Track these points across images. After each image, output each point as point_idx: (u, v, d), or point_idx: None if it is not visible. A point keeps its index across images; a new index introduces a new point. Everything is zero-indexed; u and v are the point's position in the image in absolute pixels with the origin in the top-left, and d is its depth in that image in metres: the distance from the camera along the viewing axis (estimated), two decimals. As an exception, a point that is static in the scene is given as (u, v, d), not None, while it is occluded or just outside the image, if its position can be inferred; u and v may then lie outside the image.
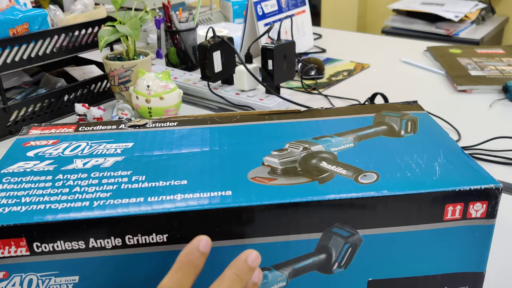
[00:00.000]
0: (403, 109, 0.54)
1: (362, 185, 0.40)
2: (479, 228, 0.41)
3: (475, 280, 0.44)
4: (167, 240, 0.38)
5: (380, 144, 0.47)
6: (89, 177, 0.42)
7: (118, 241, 0.38)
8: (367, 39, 1.53)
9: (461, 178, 0.41)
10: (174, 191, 0.39)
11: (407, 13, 2.09)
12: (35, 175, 0.42)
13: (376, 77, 1.16)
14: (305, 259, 0.41)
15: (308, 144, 0.47)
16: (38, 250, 0.37)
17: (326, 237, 0.40)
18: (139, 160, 0.45)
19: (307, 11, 1.34)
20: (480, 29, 1.99)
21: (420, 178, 0.41)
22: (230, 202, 0.38)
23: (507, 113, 0.94)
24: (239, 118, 0.53)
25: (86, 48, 0.97)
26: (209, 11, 1.56)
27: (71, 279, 0.39)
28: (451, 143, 0.47)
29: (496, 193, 0.40)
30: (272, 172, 0.42)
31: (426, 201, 0.40)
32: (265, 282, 0.41)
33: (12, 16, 0.84)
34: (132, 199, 0.38)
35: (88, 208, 0.37)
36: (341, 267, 0.42)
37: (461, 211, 0.40)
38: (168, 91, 0.88)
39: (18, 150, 0.47)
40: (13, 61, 0.85)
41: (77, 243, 0.37)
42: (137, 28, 0.89)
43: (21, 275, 0.38)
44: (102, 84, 1.03)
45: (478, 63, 1.16)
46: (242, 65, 0.96)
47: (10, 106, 0.88)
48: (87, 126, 0.52)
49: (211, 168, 0.43)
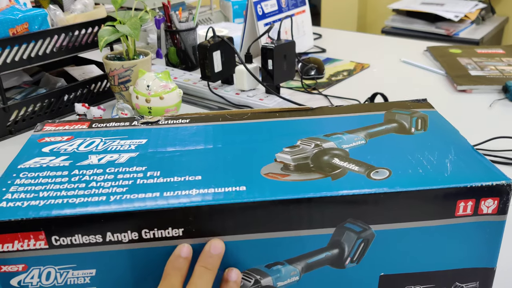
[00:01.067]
0: (412, 107, 0.54)
1: (374, 181, 0.41)
2: (490, 224, 0.42)
3: (485, 275, 0.45)
4: (183, 234, 0.39)
5: (391, 141, 0.47)
6: (105, 173, 0.43)
7: (135, 235, 0.38)
8: (367, 39, 1.53)
9: (472, 175, 0.41)
10: (189, 186, 0.40)
11: (407, 13, 2.09)
12: (51, 171, 0.43)
13: (376, 77, 1.16)
14: (318, 253, 0.41)
15: (320, 141, 0.47)
16: (57, 243, 0.38)
17: (339, 232, 0.41)
18: (153, 156, 0.45)
19: (307, 11, 1.34)
20: (480, 29, 1.99)
21: (431, 175, 0.41)
22: (244, 197, 0.39)
23: (507, 113, 0.94)
24: (250, 115, 0.54)
25: (86, 48, 0.97)
26: (209, 11, 1.56)
27: (88, 272, 0.39)
28: (461, 141, 0.47)
29: (508, 190, 0.40)
30: (285, 168, 0.43)
31: (438, 197, 0.40)
32: (278, 276, 0.42)
33: (12, 16, 0.84)
34: (148, 194, 0.39)
35: (105, 203, 0.38)
36: (354, 262, 0.42)
37: (473, 207, 0.41)
38: (168, 91, 0.88)
39: (33, 146, 0.48)
40: (13, 61, 0.85)
41: (94, 236, 0.38)
42: (137, 28, 0.89)
43: (39, 267, 0.39)
44: (102, 84, 1.03)
45: (478, 63, 1.17)
46: (242, 65, 0.96)
47: (10, 106, 0.88)
48: (101, 123, 0.52)
49: (225, 164, 0.44)
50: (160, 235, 0.39)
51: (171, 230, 0.39)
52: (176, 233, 0.39)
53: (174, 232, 0.39)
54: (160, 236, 0.39)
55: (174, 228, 0.38)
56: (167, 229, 0.38)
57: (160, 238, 0.39)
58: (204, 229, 0.39)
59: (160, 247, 0.39)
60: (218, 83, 1.05)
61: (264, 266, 0.41)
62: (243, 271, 0.41)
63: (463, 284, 0.45)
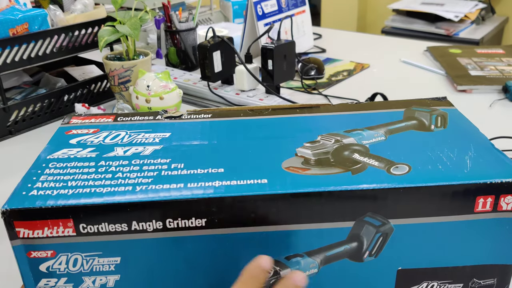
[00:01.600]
0: (432, 105, 0.55)
1: (394, 176, 0.41)
2: (510, 221, 0.42)
3: (504, 272, 0.45)
4: (206, 224, 0.40)
5: (411, 138, 0.48)
6: (130, 164, 0.44)
7: (159, 224, 0.39)
8: (367, 39, 1.53)
9: (492, 171, 0.41)
10: (213, 178, 0.41)
11: (407, 13, 2.09)
12: (79, 161, 0.45)
13: (376, 77, 1.16)
14: (337, 246, 0.42)
15: (340, 136, 0.48)
16: (84, 231, 0.39)
17: (358, 226, 0.41)
18: (177, 149, 0.47)
19: (307, 11, 1.34)
20: (480, 29, 1.99)
21: (451, 171, 0.42)
22: (266, 190, 0.39)
23: (507, 113, 0.94)
24: (271, 111, 0.55)
25: (86, 48, 0.97)
26: (209, 11, 1.56)
27: (113, 260, 0.41)
28: (481, 138, 0.48)
29: None
30: (306, 162, 0.44)
31: (457, 193, 0.40)
32: (297, 268, 0.42)
33: (12, 16, 0.84)
34: (172, 185, 0.40)
35: (132, 192, 0.39)
36: (372, 255, 0.43)
37: (492, 203, 0.41)
38: (168, 91, 0.88)
39: (61, 138, 0.50)
40: (13, 61, 0.85)
41: (120, 225, 0.39)
42: (137, 28, 0.89)
43: (67, 254, 0.40)
44: (102, 84, 1.03)
45: (478, 63, 1.16)
46: (242, 65, 0.96)
47: (10, 106, 0.88)
48: (126, 117, 0.54)
49: (246, 158, 0.45)
50: (184, 225, 0.40)
51: (194, 220, 0.40)
52: (199, 223, 0.40)
53: (197, 222, 0.40)
54: (183, 226, 0.40)
55: (198, 219, 0.39)
56: (191, 219, 0.39)
57: (184, 228, 0.40)
58: (226, 220, 0.40)
59: (183, 237, 0.40)
60: (218, 83, 1.05)
61: (284, 258, 0.42)
62: None
63: (480, 280, 0.45)
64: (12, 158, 0.82)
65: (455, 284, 0.45)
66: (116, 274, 0.41)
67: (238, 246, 0.41)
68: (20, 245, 0.39)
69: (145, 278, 0.42)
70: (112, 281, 0.42)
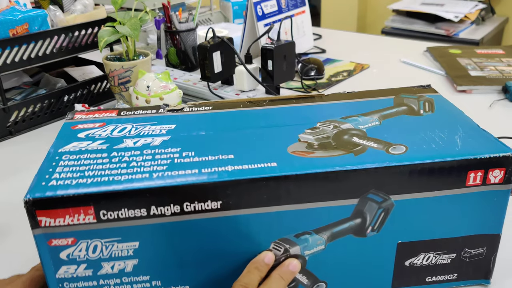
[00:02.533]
0: (418, 92, 0.59)
1: (393, 155, 0.44)
2: (497, 193, 0.46)
3: (492, 241, 0.49)
4: (221, 206, 0.42)
5: (403, 122, 0.51)
6: (142, 154, 0.46)
7: (177, 208, 0.41)
8: (367, 40, 1.53)
9: (481, 148, 0.45)
10: (225, 164, 0.43)
11: (407, 13, 2.09)
12: (91, 153, 0.46)
13: (376, 78, 1.16)
14: (342, 223, 0.45)
15: (338, 123, 0.51)
16: (104, 217, 0.41)
17: (362, 203, 0.44)
18: (185, 139, 0.49)
19: (307, 12, 1.34)
20: (480, 29, 1.99)
21: (444, 149, 0.45)
22: (277, 172, 0.42)
23: (507, 113, 0.94)
24: (268, 102, 0.57)
25: (86, 49, 0.98)
26: (209, 11, 1.56)
27: (132, 245, 0.42)
28: (467, 120, 0.52)
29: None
30: (310, 146, 0.46)
31: (451, 169, 0.44)
32: (306, 245, 0.45)
33: (12, 16, 0.84)
34: (187, 171, 0.42)
35: (149, 179, 0.41)
36: (374, 230, 0.46)
37: (482, 177, 0.45)
38: (168, 91, 0.88)
39: (68, 133, 0.51)
40: (13, 62, 0.85)
41: (139, 210, 0.41)
42: (137, 29, 0.89)
43: (87, 241, 0.42)
44: (102, 85, 1.03)
45: (478, 64, 1.17)
46: (242, 66, 0.96)
47: (10, 106, 0.88)
48: (129, 111, 0.56)
49: (253, 145, 0.47)
50: (200, 207, 0.42)
51: (210, 203, 0.42)
52: (214, 206, 0.42)
53: (213, 205, 0.42)
54: (200, 208, 0.42)
55: (213, 201, 0.42)
56: (207, 201, 0.42)
57: (200, 211, 0.42)
58: (240, 201, 0.42)
59: (200, 219, 0.42)
60: (218, 84, 1.05)
61: (293, 236, 0.45)
62: (274, 241, 0.45)
63: (471, 250, 0.49)
64: (12, 158, 0.82)
65: (449, 254, 0.49)
66: (134, 258, 0.43)
67: (251, 226, 0.44)
68: (41, 234, 0.41)
69: (162, 262, 0.44)
70: (130, 266, 0.43)
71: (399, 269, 0.48)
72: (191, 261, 0.44)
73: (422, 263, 0.48)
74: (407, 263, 0.48)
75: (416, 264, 0.48)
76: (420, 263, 0.48)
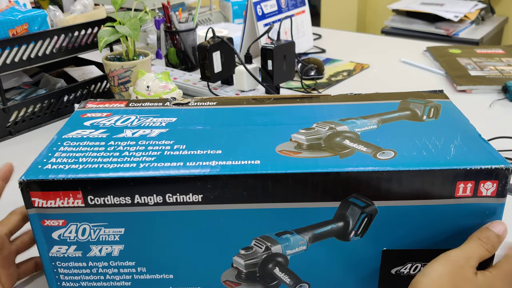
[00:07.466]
0: (428, 97, 0.57)
1: (380, 160, 0.43)
2: (490, 206, 0.44)
3: None
4: (202, 200, 0.43)
5: (402, 127, 0.50)
6: (137, 144, 0.48)
7: (160, 199, 0.43)
8: (367, 39, 1.53)
9: (473, 158, 0.43)
10: (210, 159, 0.44)
11: (406, 13, 2.09)
12: (90, 141, 0.49)
13: (376, 77, 1.16)
14: (324, 225, 0.44)
15: (334, 124, 0.51)
16: (92, 202, 0.43)
17: (344, 206, 0.44)
18: (181, 132, 0.50)
19: (306, 11, 1.34)
20: (479, 29, 1.99)
21: (434, 157, 0.43)
22: (258, 170, 0.43)
23: (507, 113, 0.94)
24: (272, 100, 0.58)
25: (86, 49, 0.97)
26: (208, 11, 1.56)
27: (118, 230, 0.45)
28: (469, 128, 0.50)
29: (506, 173, 0.42)
30: (298, 147, 0.46)
31: (438, 178, 0.42)
32: (287, 244, 0.45)
33: (12, 16, 0.84)
34: (173, 163, 0.44)
35: (135, 169, 0.43)
36: (358, 235, 0.45)
37: (472, 188, 0.43)
38: (168, 91, 0.88)
39: (77, 120, 0.54)
40: (12, 62, 0.85)
41: (124, 198, 0.43)
42: (137, 29, 0.89)
43: (76, 224, 0.44)
44: (102, 85, 1.03)
45: (477, 63, 1.17)
46: (241, 66, 0.96)
47: (10, 106, 0.88)
48: (137, 103, 0.58)
49: (244, 141, 0.48)
50: (182, 199, 0.43)
51: (192, 196, 0.43)
52: (196, 199, 0.43)
53: (194, 198, 0.43)
54: (181, 200, 0.43)
55: (194, 194, 0.43)
56: (188, 194, 0.43)
57: (182, 203, 0.43)
58: (221, 196, 0.43)
59: (182, 211, 0.44)
60: (218, 84, 1.05)
61: (275, 234, 0.45)
62: (255, 238, 0.45)
63: None
64: (12, 158, 0.82)
65: None
66: (120, 244, 0.45)
67: (232, 221, 0.44)
68: (35, 214, 0.44)
69: (146, 250, 0.45)
70: (117, 251, 0.45)
71: (385, 276, 0.47)
72: (174, 251, 0.45)
73: (409, 272, 0.47)
74: (393, 271, 0.47)
75: (403, 273, 0.47)
76: (407, 272, 0.47)
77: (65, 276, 0.46)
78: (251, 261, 0.46)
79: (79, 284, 0.47)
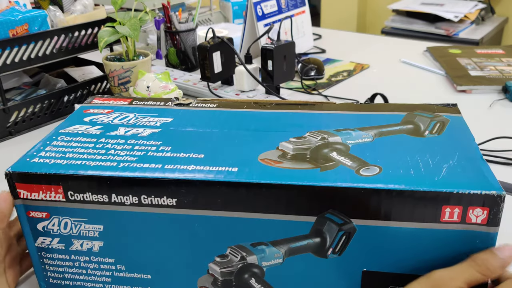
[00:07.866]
0: (438, 111, 0.53)
1: (361, 176, 0.41)
2: (480, 234, 0.40)
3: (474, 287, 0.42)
4: (176, 204, 0.43)
5: (398, 142, 0.47)
6: (125, 143, 0.48)
7: (135, 199, 0.43)
8: (367, 40, 1.53)
9: (464, 181, 0.39)
10: (189, 163, 0.44)
11: (406, 13, 2.09)
12: (83, 137, 0.49)
13: (376, 78, 1.16)
14: (300, 240, 0.43)
15: (328, 134, 0.49)
16: (72, 198, 0.44)
17: (320, 222, 0.42)
18: (171, 134, 0.50)
19: (306, 12, 1.34)
20: (479, 29, 1.99)
21: (421, 177, 0.40)
22: (232, 178, 0.41)
23: (507, 113, 0.94)
24: (274, 105, 0.56)
25: (86, 49, 0.97)
26: (208, 11, 1.56)
27: (97, 227, 0.45)
28: (471, 148, 0.45)
29: (498, 201, 0.38)
30: (282, 156, 0.45)
31: (420, 200, 0.39)
32: (262, 256, 0.44)
33: (12, 17, 0.84)
34: (152, 165, 0.44)
35: (114, 168, 0.43)
36: (336, 253, 0.43)
37: (460, 214, 0.39)
38: (168, 91, 0.88)
39: (78, 115, 0.55)
40: (12, 62, 0.85)
41: (102, 196, 0.43)
42: (137, 29, 0.89)
43: (58, 217, 0.45)
44: (102, 85, 1.03)
45: (477, 63, 1.17)
46: (242, 66, 0.96)
47: (10, 107, 0.88)
48: (140, 101, 0.58)
49: (230, 147, 0.47)
50: (157, 202, 0.43)
51: (166, 199, 0.43)
52: (170, 202, 0.43)
53: (169, 201, 0.43)
54: (156, 203, 0.43)
55: (169, 198, 0.43)
56: (163, 197, 0.43)
57: (156, 205, 0.43)
58: (194, 202, 0.42)
59: (156, 213, 0.43)
60: (218, 84, 1.05)
61: (250, 244, 0.44)
62: (230, 246, 0.44)
63: None
64: (12, 159, 0.82)
65: None
66: (100, 240, 0.46)
67: (206, 227, 0.44)
68: (21, 205, 0.45)
69: (125, 248, 0.46)
70: (97, 247, 0.46)
71: None
72: (151, 252, 0.46)
73: None
74: None
75: None
76: None
77: (50, 267, 0.48)
78: (227, 270, 0.45)
79: (63, 276, 0.48)
